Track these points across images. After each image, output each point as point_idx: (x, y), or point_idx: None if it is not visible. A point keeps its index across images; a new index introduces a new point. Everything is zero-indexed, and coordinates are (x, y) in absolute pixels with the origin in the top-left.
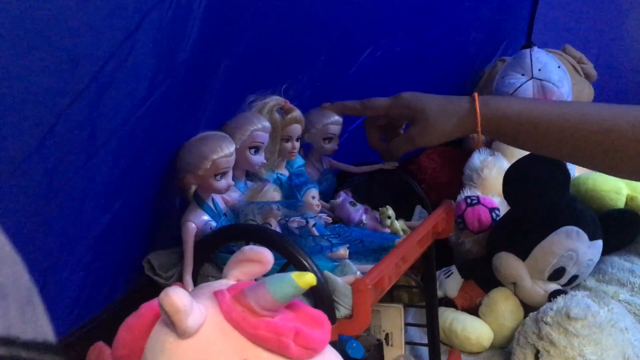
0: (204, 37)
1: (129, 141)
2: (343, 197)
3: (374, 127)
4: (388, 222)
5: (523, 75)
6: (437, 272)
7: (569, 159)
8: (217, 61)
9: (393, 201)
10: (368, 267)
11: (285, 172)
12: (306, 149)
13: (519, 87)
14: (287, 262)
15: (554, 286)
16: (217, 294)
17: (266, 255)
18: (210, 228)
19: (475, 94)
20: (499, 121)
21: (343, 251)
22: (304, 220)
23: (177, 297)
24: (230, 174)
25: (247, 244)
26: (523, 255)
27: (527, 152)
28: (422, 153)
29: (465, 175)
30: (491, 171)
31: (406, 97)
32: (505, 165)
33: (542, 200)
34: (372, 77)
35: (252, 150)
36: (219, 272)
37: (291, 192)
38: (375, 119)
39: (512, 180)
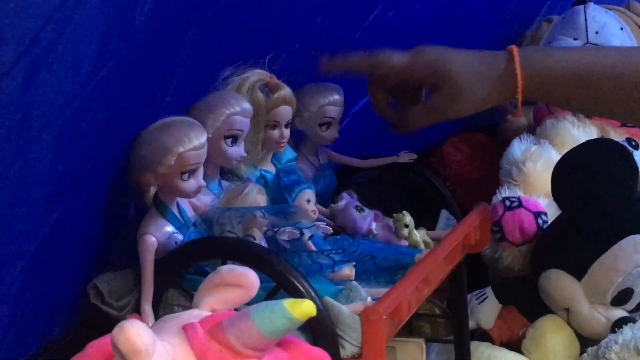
0: None
1: (71, 130)
2: (347, 200)
3: (381, 88)
4: (405, 232)
5: (575, 39)
6: (468, 297)
7: None
8: (184, 25)
9: (411, 205)
10: (381, 291)
11: (272, 169)
12: (298, 138)
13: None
14: (277, 286)
15: (618, 313)
16: (186, 329)
17: (249, 278)
18: (176, 242)
19: (514, 48)
20: (545, 82)
21: (348, 271)
22: (296, 231)
23: (135, 333)
24: (200, 171)
25: (224, 263)
26: (578, 273)
27: (582, 141)
28: (445, 141)
29: (503, 170)
30: (536, 164)
31: (429, 55)
32: (555, 156)
33: (602, 201)
34: (383, 43)
35: (229, 141)
36: (188, 299)
37: (279, 194)
38: (385, 78)
39: (563, 175)
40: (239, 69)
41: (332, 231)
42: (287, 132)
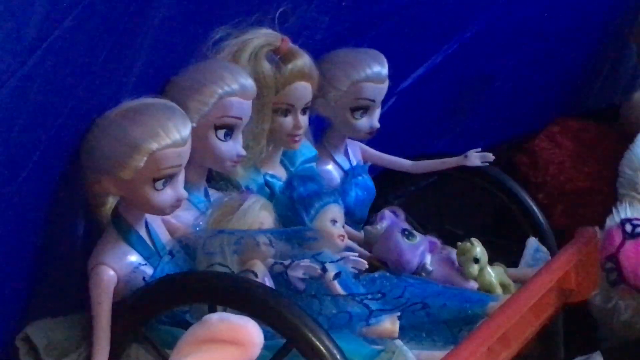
0: None
1: (5, 117)
2: (390, 220)
3: None
4: (474, 269)
5: None
6: None
7: None
8: None
9: (484, 229)
10: (437, 354)
11: (282, 173)
12: (320, 129)
13: None
14: (287, 343)
15: None
16: None
17: (249, 332)
18: (144, 278)
19: None
20: None
21: (390, 324)
22: (317, 266)
23: None
24: (181, 178)
25: (213, 310)
26: None
27: None
28: (539, 131)
29: (624, 179)
30: None
31: None
32: None
33: None
34: None
35: (221, 133)
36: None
37: (292, 211)
38: None
39: None
40: (236, 28)
41: (367, 266)
42: (304, 120)
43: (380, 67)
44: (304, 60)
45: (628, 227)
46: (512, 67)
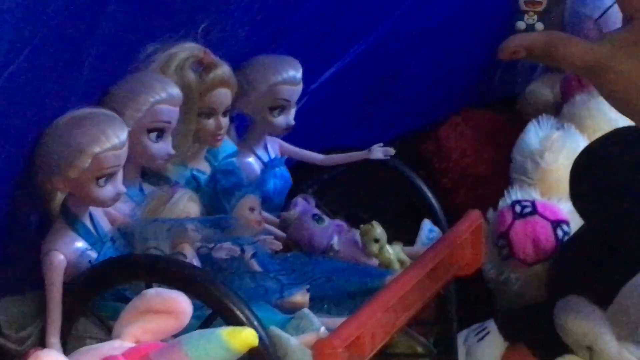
0: None
1: None
2: (302, 207)
3: None
4: (375, 247)
5: None
6: (464, 332)
7: None
8: None
9: (385, 213)
10: (340, 320)
11: (206, 168)
12: (241, 127)
13: (610, 7)
14: (213, 313)
15: None
16: None
17: (180, 304)
18: (89, 261)
19: None
20: None
21: (300, 296)
22: (237, 248)
23: None
24: (119, 176)
25: (149, 286)
26: (603, 300)
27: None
28: (443, 121)
29: (515, 164)
30: (557, 157)
31: None
32: (583, 145)
33: (635, 208)
34: (354, 2)
35: (153, 135)
36: (104, 330)
37: (216, 200)
38: None
39: (584, 174)
40: (165, 43)
41: (281, 247)
42: (225, 121)
43: (294, 72)
44: (223, 69)
45: (518, 208)
46: (417, 63)
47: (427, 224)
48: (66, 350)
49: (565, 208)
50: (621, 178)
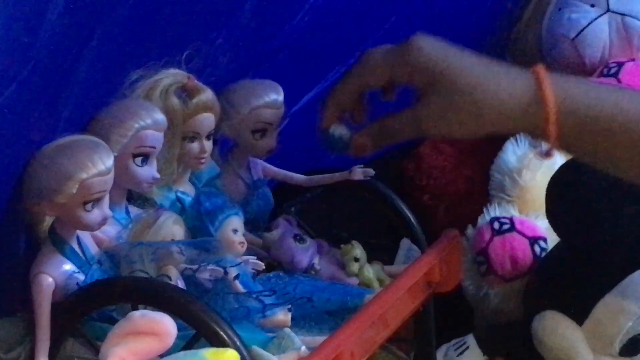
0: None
1: None
2: (284, 227)
3: (360, 85)
4: (355, 267)
5: (593, 6)
6: (444, 347)
7: None
8: (89, 29)
9: (366, 233)
10: (321, 339)
11: (191, 190)
12: (224, 150)
13: (587, 27)
14: (196, 333)
15: None
16: None
17: (165, 325)
18: (77, 283)
19: (539, 69)
20: (580, 125)
21: (282, 316)
22: (220, 269)
23: None
24: (106, 200)
25: (135, 308)
26: (579, 315)
27: None
28: (424, 140)
29: (493, 182)
30: (535, 174)
31: (423, 48)
32: (560, 163)
33: (611, 224)
34: (332, 26)
35: (138, 160)
36: (93, 352)
37: (200, 222)
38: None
39: (561, 190)
40: (149, 70)
41: (264, 267)
42: (209, 145)
43: (276, 95)
44: (207, 94)
45: (496, 225)
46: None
47: (406, 243)
48: None
49: (542, 225)
50: (596, 195)
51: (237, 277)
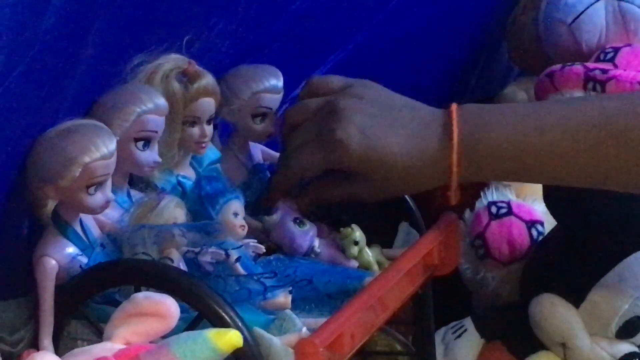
0: None
1: None
2: (283, 211)
3: None
4: (354, 250)
5: None
6: (442, 329)
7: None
8: (89, 16)
9: (366, 217)
10: (321, 321)
11: (191, 174)
12: (224, 134)
13: (583, 12)
14: (199, 315)
15: (626, 347)
16: None
17: (168, 307)
18: (80, 266)
19: (453, 108)
20: (486, 161)
21: (283, 298)
22: (221, 252)
23: None
24: (109, 184)
25: (138, 289)
26: (576, 299)
27: None
28: None
29: None
30: None
31: (349, 146)
32: None
33: (607, 208)
34: (330, 11)
35: (140, 144)
36: (94, 332)
37: (201, 206)
38: None
39: None
40: (150, 55)
41: (264, 250)
42: (209, 129)
43: (275, 80)
44: (207, 79)
45: (493, 209)
46: (394, 70)
47: (404, 227)
48: (58, 352)
49: (539, 208)
50: None
51: (238, 259)
